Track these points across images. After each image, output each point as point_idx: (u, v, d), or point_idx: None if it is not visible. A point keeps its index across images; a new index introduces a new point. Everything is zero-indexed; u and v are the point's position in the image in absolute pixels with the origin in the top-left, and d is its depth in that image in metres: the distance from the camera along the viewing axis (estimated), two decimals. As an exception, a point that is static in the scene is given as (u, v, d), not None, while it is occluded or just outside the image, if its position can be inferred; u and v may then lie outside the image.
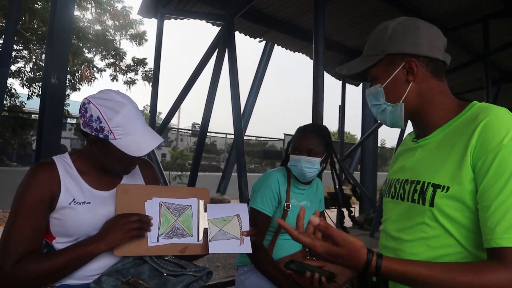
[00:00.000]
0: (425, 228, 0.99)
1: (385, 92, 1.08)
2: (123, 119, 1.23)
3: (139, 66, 12.89)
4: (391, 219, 1.12)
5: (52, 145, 3.11)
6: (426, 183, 0.99)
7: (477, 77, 7.52)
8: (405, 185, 1.07)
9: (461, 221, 0.94)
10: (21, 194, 1.21)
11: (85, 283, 1.23)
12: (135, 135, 1.25)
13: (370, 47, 1.12)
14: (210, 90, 4.94)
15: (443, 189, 0.95)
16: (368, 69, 1.11)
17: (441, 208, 0.95)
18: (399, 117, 1.08)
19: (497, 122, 0.90)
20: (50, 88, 3.06)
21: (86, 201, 1.27)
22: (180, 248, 1.31)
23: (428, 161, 1.04)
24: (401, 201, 1.08)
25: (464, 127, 0.97)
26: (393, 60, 1.07)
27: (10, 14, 3.06)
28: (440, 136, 1.04)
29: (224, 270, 4.72)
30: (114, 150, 1.25)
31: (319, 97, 3.28)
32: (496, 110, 0.93)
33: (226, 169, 7.31)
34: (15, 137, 11.41)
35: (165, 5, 5.10)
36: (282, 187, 1.94)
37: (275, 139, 21.64)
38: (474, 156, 0.91)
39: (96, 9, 11.90)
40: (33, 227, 1.19)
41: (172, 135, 20.94)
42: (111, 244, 1.19)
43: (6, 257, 1.14)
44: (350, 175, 7.91)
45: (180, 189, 1.39)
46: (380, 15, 5.39)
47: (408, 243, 1.03)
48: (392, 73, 1.06)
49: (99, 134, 1.23)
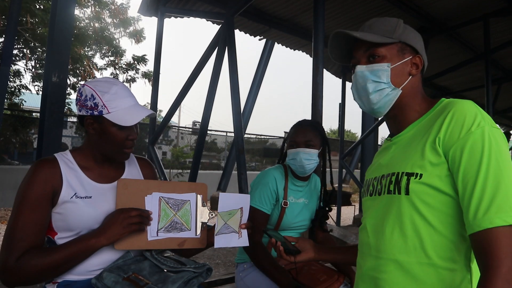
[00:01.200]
0: (402, 217, 1.01)
1: (392, 74, 1.10)
2: (115, 95, 1.30)
3: (139, 63, 12.86)
4: (370, 215, 1.14)
5: (53, 143, 3.13)
6: (400, 173, 1.03)
7: (478, 76, 7.53)
8: (381, 180, 1.11)
9: (437, 207, 0.97)
10: (23, 190, 1.23)
11: (87, 278, 1.25)
12: (127, 108, 1.31)
13: (382, 29, 1.14)
14: (210, 88, 4.94)
15: (416, 176, 0.98)
16: (373, 47, 1.12)
17: (416, 194, 0.98)
18: (390, 102, 1.12)
19: (463, 112, 0.96)
20: (51, 86, 3.08)
21: (87, 195, 1.29)
22: (179, 242, 1.34)
23: (401, 154, 1.08)
24: (379, 196, 1.11)
25: (433, 120, 1.03)
26: (405, 49, 1.12)
27: (11, 14, 3.08)
28: (412, 132, 1.10)
29: (224, 267, 4.75)
30: (108, 126, 1.30)
31: (318, 95, 3.29)
32: (461, 102, 1.00)
33: (227, 167, 7.33)
34: (16, 136, 11.42)
35: (166, 3, 5.11)
36: (279, 184, 1.95)
37: (275, 137, 21.62)
38: (445, 145, 0.96)
39: (95, 6, 11.89)
40: (35, 223, 1.21)
41: (172, 133, 20.93)
42: (112, 238, 1.21)
43: (10, 252, 1.16)
44: (351, 173, 7.93)
45: (179, 184, 1.40)
46: (380, 14, 5.38)
47: (388, 235, 1.04)
48: (402, 60, 1.11)
49: (94, 111, 1.29)
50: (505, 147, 0.94)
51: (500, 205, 0.85)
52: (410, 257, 0.99)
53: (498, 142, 0.92)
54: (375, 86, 1.11)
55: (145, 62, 12.91)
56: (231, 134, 16.44)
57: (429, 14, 5.45)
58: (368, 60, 1.13)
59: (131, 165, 1.51)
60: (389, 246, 1.03)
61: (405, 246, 1.00)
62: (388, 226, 1.04)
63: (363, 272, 1.13)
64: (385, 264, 1.04)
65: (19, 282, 1.17)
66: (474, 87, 8.36)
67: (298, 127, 1.98)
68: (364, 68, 1.12)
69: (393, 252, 1.02)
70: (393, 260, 1.02)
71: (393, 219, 1.03)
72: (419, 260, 0.98)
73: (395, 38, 1.12)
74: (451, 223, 0.96)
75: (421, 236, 0.98)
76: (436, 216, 0.97)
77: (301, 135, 1.93)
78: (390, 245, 1.03)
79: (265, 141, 22.41)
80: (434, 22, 5.65)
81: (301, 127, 1.96)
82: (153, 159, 5.04)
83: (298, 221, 2.01)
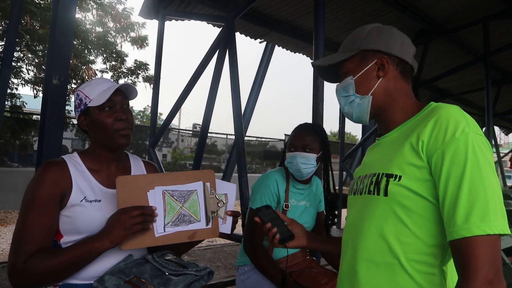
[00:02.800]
0: (380, 218, 1.01)
1: (356, 84, 1.14)
2: (93, 84, 1.37)
3: (140, 69, 12.83)
4: (351, 214, 1.15)
5: (53, 146, 3.12)
6: (380, 174, 1.03)
7: (478, 78, 7.54)
8: (364, 179, 1.11)
9: (415, 210, 0.96)
10: (31, 192, 1.22)
11: (89, 283, 1.24)
12: (104, 91, 1.34)
13: (346, 45, 1.20)
14: (211, 90, 4.95)
15: (395, 178, 0.98)
16: (341, 64, 1.18)
17: (394, 196, 0.98)
18: (365, 110, 1.14)
19: (448, 117, 0.95)
20: (51, 89, 3.08)
21: (96, 199, 1.28)
22: (189, 235, 1.29)
23: (383, 155, 1.09)
24: (360, 195, 1.11)
25: (418, 123, 1.03)
26: (367, 55, 1.13)
27: (12, 16, 3.08)
28: (397, 133, 1.10)
29: (225, 270, 4.74)
30: (95, 114, 1.33)
31: (319, 98, 3.29)
32: (447, 107, 0.99)
33: (227, 170, 7.30)
34: (16, 138, 11.41)
35: (166, 6, 5.12)
36: (281, 187, 1.95)
37: (276, 140, 21.61)
38: (428, 150, 0.95)
39: (97, 11, 11.87)
40: (43, 225, 1.20)
41: (173, 136, 20.94)
42: (115, 241, 1.18)
43: (18, 255, 1.16)
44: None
45: (183, 174, 1.33)
46: (381, 16, 5.40)
47: (364, 235, 1.04)
48: (365, 67, 1.13)
49: (81, 106, 1.34)
50: (489, 155, 0.93)
51: (480, 214, 0.84)
52: (384, 258, 0.99)
53: (482, 149, 0.91)
54: (345, 100, 1.17)
55: (147, 69, 12.89)
56: (231, 136, 16.44)
57: (429, 17, 5.47)
58: (341, 78, 1.19)
59: (138, 169, 1.50)
60: (365, 246, 1.03)
61: (379, 247, 1.00)
62: (364, 226, 1.05)
63: (342, 269, 1.14)
64: (359, 263, 1.04)
65: (27, 285, 1.17)
66: (474, 89, 8.36)
67: (298, 130, 1.98)
68: (338, 86, 1.20)
69: (368, 252, 1.02)
70: (368, 260, 1.02)
71: (370, 220, 1.03)
72: (393, 261, 0.98)
73: (355, 49, 1.15)
74: (428, 227, 0.95)
75: (397, 238, 0.98)
76: (413, 219, 0.96)
77: (299, 138, 1.93)
78: (365, 245, 1.03)
79: (265, 144, 22.40)
80: (433, 24, 5.66)
81: (301, 131, 1.96)
82: (153, 161, 5.04)
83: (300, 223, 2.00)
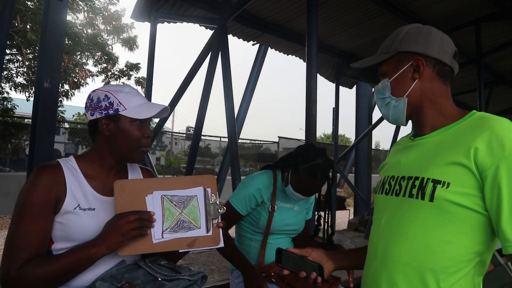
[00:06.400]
0: (423, 223, 1.00)
1: (392, 86, 1.14)
2: (129, 93, 1.33)
3: (132, 71, 12.81)
4: (385, 215, 1.12)
5: (45, 149, 3.09)
6: (426, 179, 1.01)
7: (470, 80, 7.58)
8: (401, 181, 1.09)
9: (459, 218, 0.96)
10: (25, 197, 1.18)
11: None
12: (141, 105, 1.32)
13: (384, 47, 1.19)
14: (204, 93, 4.93)
15: (444, 184, 0.97)
16: (379, 66, 1.19)
17: (441, 203, 0.97)
18: (401, 112, 1.13)
19: (505, 130, 0.94)
20: (43, 92, 3.05)
21: (90, 207, 1.25)
22: (188, 242, 1.23)
23: (426, 158, 1.06)
24: (396, 197, 1.09)
25: (465, 131, 1.01)
26: (403, 57, 1.13)
27: (3, 17, 3.04)
28: (438, 137, 1.07)
29: (219, 273, 4.71)
30: (126, 123, 1.30)
31: (312, 100, 3.30)
32: (500, 120, 0.97)
33: (221, 173, 7.28)
34: (8, 142, 11.30)
35: (158, 8, 5.10)
36: (265, 191, 1.97)
37: (269, 142, 21.64)
38: (482, 160, 0.93)
39: (88, 13, 11.82)
40: (38, 231, 1.16)
41: (166, 139, 20.87)
42: (112, 247, 1.14)
43: (11, 262, 1.12)
44: (345, 178, 7.93)
45: (182, 179, 1.29)
46: (373, 18, 5.42)
47: (402, 239, 1.03)
48: (400, 69, 1.13)
49: (109, 110, 1.29)
50: None
51: None
52: (419, 263, 0.99)
53: None
54: (382, 102, 1.18)
55: (138, 70, 12.87)
56: (225, 139, 16.42)
57: (422, 19, 5.49)
58: (379, 80, 1.20)
59: (135, 176, 1.47)
60: (403, 250, 1.03)
61: (418, 251, 1.00)
62: (404, 229, 1.04)
63: (370, 270, 1.12)
64: (393, 266, 1.04)
65: None
66: (466, 91, 8.41)
67: (313, 179, 1.85)
68: (375, 89, 1.21)
69: (406, 256, 1.02)
70: (404, 263, 1.02)
71: (411, 223, 1.02)
72: (427, 266, 0.98)
73: (392, 51, 1.15)
74: (469, 236, 0.96)
75: (436, 244, 0.98)
76: (456, 227, 0.96)
77: (310, 189, 1.89)
78: (404, 249, 1.02)
79: (259, 146, 22.41)
80: (426, 26, 5.67)
81: (314, 182, 1.85)
82: (146, 165, 5.01)
83: (288, 224, 2.01)
